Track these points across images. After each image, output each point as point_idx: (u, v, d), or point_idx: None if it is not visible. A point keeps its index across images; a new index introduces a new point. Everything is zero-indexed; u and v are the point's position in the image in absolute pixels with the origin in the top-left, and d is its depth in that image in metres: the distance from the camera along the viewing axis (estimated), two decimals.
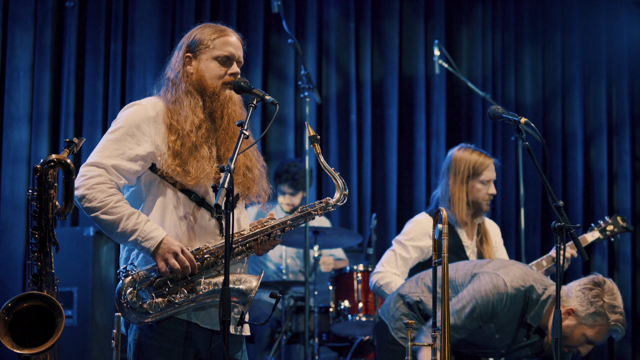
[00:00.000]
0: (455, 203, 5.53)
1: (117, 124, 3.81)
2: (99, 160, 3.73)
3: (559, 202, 4.05)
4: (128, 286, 3.65)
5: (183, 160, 3.76)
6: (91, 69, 8.19)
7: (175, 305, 3.67)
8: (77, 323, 6.98)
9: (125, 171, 3.74)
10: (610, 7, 9.40)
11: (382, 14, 9.20)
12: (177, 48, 3.98)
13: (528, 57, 9.42)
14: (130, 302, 3.63)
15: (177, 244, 3.68)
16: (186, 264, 3.66)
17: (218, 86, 3.90)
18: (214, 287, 3.71)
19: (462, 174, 5.53)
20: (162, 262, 3.66)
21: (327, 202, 3.95)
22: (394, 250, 5.60)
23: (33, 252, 3.37)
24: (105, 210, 3.66)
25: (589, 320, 4.60)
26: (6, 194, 7.82)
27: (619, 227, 5.89)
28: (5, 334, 3.22)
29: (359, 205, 8.95)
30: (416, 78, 9.23)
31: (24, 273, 7.64)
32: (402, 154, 9.16)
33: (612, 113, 9.38)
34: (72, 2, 8.15)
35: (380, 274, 5.56)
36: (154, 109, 3.85)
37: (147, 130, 3.78)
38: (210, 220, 3.83)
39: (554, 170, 9.27)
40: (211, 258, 3.75)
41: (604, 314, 4.60)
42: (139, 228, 3.67)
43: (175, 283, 3.70)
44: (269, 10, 8.62)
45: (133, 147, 3.75)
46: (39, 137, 7.92)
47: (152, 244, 3.66)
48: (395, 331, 4.96)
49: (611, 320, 4.60)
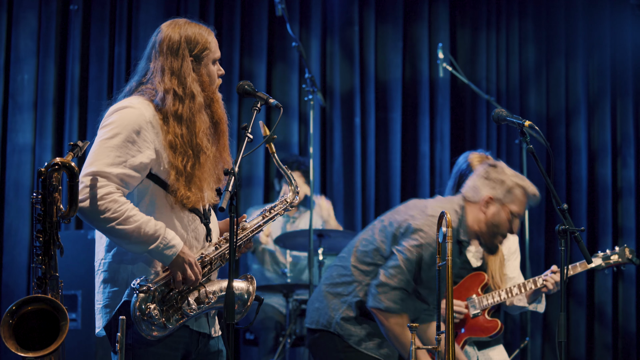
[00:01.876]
0: None
1: (114, 129, 3.63)
2: (102, 168, 3.56)
3: (563, 205, 4.05)
4: (145, 301, 3.58)
5: (189, 183, 3.68)
6: (95, 72, 8.20)
7: (186, 318, 3.67)
8: (81, 326, 6.98)
9: (128, 179, 3.59)
10: (615, 9, 9.39)
11: (386, 17, 9.20)
12: (170, 52, 3.79)
13: (532, 60, 9.41)
14: (147, 315, 3.57)
15: (192, 255, 3.65)
16: (199, 275, 3.66)
17: (215, 89, 3.86)
18: (220, 295, 3.72)
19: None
20: (179, 271, 3.61)
21: (286, 201, 4.00)
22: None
23: (37, 255, 3.37)
24: (122, 220, 3.52)
25: (508, 197, 4.94)
26: (10, 197, 7.83)
27: (624, 258, 5.76)
28: (9, 337, 3.22)
29: (363, 208, 8.94)
30: (420, 81, 9.23)
31: (28, 276, 7.65)
32: (406, 157, 9.15)
33: (616, 115, 9.36)
34: (76, 5, 8.16)
35: None
36: (147, 111, 3.69)
37: (148, 136, 3.64)
38: (201, 225, 3.81)
39: (557, 173, 9.25)
40: (208, 266, 3.76)
41: (515, 184, 4.96)
42: (161, 234, 3.58)
43: (181, 294, 3.68)
44: (272, 14, 8.62)
45: (135, 155, 3.60)
46: (43, 141, 7.93)
47: (174, 251, 3.59)
48: (344, 330, 4.92)
49: (522, 185, 5.00)
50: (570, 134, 9.34)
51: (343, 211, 8.85)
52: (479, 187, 4.95)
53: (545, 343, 9.10)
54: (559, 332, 3.96)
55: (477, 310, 5.49)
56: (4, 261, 7.77)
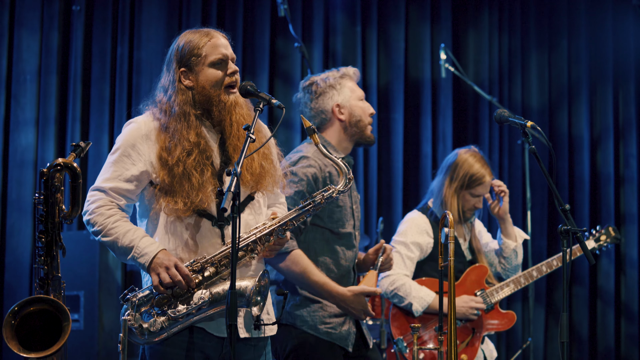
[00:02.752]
0: (447, 206, 5.56)
1: (117, 145, 3.85)
2: (100, 184, 3.79)
3: (565, 206, 4.05)
4: (127, 310, 3.68)
5: (174, 194, 3.75)
6: (98, 73, 8.20)
7: (179, 320, 3.67)
8: (83, 327, 6.99)
9: (123, 191, 3.79)
10: (617, 10, 9.39)
11: (389, 18, 9.20)
12: (166, 65, 3.92)
13: (534, 60, 9.41)
14: (132, 326, 3.65)
15: (171, 259, 3.68)
16: (178, 277, 3.65)
17: (222, 92, 3.87)
18: (214, 296, 3.70)
19: (458, 182, 5.57)
20: (155, 276, 3.67)
21: (331, 189, 3.93)
22: (398, 252, 5.55)
23: (40, 256, 3.37)
24: (105, 232, 3.73)
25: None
26: (13, 197, 7.83)
27: (611, 237, 5.98)
28: (12, 338, 3.22)
29: (366, 208, 8.94)
30: (422, 82, 9.22)
31: (30, 277, 7.65)
32: (408, 157, 9.15)
33: (618, 116, 9.36)
34: (78, 6, 8.16)
35: (391, 277, 5.50)
36: (146, 125, 3.84)
37: (142, 149, 3.80)
38: (212, 228, 3.82)
39: (560, 173, 9.25)
40: (212, 268, 3.75)
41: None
42: (135, 244, 3.71)
43: (176, 299, 3.70)
44: (275, 14, 8.62)
45: (129, 168, 3.79)
46: (45, 141, 7.94)
47: (147, 259, 3.68)
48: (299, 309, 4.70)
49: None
50: (573, 131, 9.34)
51: None
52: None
53: (548, 343, 9.10)
54: (561, 333, 3.95)
55: (491, 304, 5.53)
56: (7, 262, 7.77)
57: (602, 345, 9.10)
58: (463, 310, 5.46)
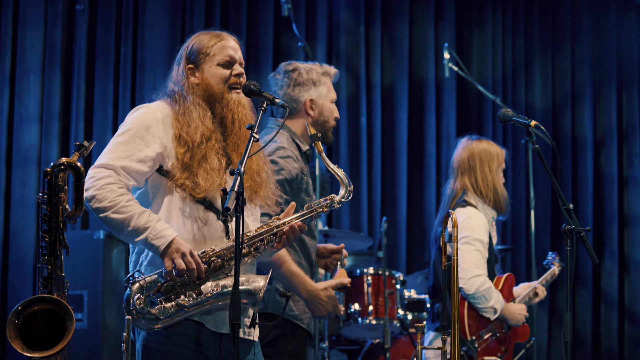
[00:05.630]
0: (498, 193, 5.54)
1: (126, 126, 3.78)
2: (108, 161, 3.69)
3: (569, 205, 4.04)
4: (136, 292, 3.61)
5: (192, 172, 3.74)
6: (101, 71, 8.21)
7: (185, 309, 3.65)
8: (87, 326, 6.99)
9: (134, 172, 3.71)
10: (621, 11, 9.38)
11: (393, 17, 9.20)
12: (176, 62, 3.97)
13: (538, 61, 9.41)
14: (138, 309, 3.59)
15: (187, 246, 3.65)
16: (192, 266, 3.63)
17: (225, 90, 3.90)
18: (222, 290, 3.69)
19: (494, 165, 5.61)
20: (169, 261, 3.62)
21: (332, 199, 3.98)
22: (479, 251, 5.38)
23: (43, 255, 3.37)
24: (116, 209, 3.62)
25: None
26: (16, 197, 7.84)
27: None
28: (15, 337, 3.22)
29: (369, 208, 8.94)
30: (426, 81, 9.23)
31: (34, 276, 7.65)
32: (412, 157, 9.15)
33: (622, 117, 9.35)
34: (82, 5, 8.18)
35: (481, 277, 5.33)
36: (162, 111, 3.83)
37: (156, 132, 3.77)
38: (217, 222, 3.82)
39: (564, 174, 9.24)
40: (218, 261, 3.73)
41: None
42: (151, 226, 3.63)
43: (183, 287, 3.68)
44: (279, 13, 8.63)
45: (142, 149, 3.72)
46: (49, 140, 7.95)
47: (163, 242, 3.62)
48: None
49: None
50: (576, 132, 9.33)
51: (349, 211, 8.85)
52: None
53: (551, 343, 9.09)
54: (564, 332, 3.95)
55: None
56: (10, 261, 7.78)
57: (605, 347, 9.09)
58: (519, 318, 5.46)
